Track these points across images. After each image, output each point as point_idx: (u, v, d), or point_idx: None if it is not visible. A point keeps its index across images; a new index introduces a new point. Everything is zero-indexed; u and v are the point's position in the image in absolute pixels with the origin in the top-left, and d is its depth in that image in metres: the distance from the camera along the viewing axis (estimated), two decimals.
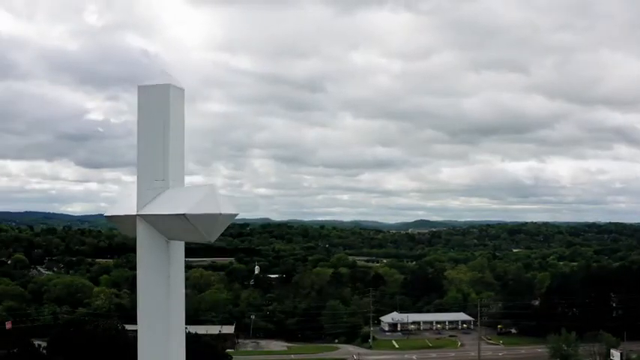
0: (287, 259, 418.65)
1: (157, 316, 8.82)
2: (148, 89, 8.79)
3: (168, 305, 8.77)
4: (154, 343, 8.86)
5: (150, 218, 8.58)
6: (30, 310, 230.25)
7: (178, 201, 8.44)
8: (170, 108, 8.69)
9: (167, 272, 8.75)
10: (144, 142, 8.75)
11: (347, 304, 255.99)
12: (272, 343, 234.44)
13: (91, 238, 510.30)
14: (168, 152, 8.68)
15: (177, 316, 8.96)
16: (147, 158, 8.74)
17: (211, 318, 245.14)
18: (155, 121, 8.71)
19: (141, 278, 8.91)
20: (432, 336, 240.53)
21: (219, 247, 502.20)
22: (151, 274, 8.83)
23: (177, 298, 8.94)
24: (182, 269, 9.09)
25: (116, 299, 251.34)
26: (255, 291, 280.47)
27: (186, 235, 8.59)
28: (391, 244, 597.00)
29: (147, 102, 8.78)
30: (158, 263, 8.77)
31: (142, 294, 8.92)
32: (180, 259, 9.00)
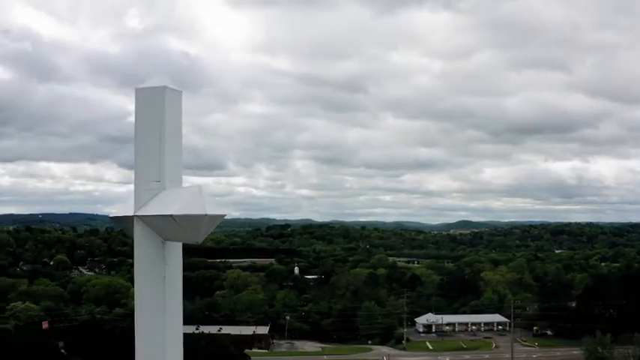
0: (327, 260, 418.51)
1: (154, 316, 9.01)
2: (145, 91, 8.99)
3: (164, 306, 8.96)
4: (150, 343, 9.03)
5: (146, 219, 8.81)
6: (67, 310, 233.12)
7: (169, 202, 8.67)
8: (166, 110, 8.91)
9: (163, 273, 8.98)
10: (140, 144, 8.98)
11: (382, 305, 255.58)
12: (307, 344, 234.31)
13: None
14: (165, 153, 8.88)
15: (173, 316, 9.14)
16: (143, 159, 8.96)
17: (247, 319, 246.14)
18: (151, 122, 8.92)
19: (137, 278, 9.20)
20: (466, 337, 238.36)
21: (260, 248, 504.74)
22: (148, 274, 9.06)
23: (173, 298, 9.13)
24: (179, 270, 9.32)
25: None
26: (291, 292, 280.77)
27: (177, 235, 8.82)
28: (432, 244, 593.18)
29: (143, 104, 8.97)
30: (154, 264, 9.00)
31: (139, 294, 9.17)
32: (177, 260, 9.21)
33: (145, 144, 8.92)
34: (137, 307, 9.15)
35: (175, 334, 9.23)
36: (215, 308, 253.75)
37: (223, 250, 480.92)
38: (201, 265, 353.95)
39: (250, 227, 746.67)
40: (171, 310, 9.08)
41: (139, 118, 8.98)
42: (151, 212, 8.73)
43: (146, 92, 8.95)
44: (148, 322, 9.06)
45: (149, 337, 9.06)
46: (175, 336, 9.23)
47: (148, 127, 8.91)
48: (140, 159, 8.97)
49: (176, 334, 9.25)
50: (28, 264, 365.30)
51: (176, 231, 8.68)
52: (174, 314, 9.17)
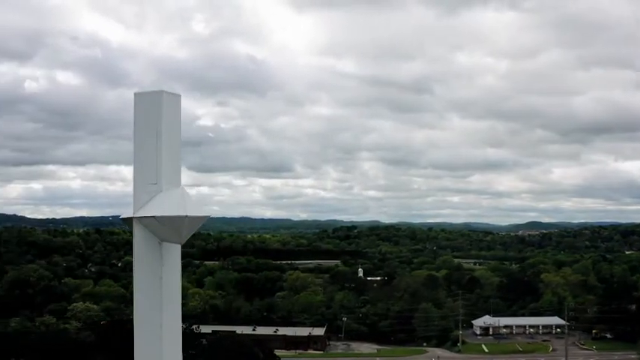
0: (392, 262, 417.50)
1: (150, 316, 9.20)
2: (143, 96, 9.27)
3: (160, 305, 9.13)
4: (147, 343, 9.22)
5: (142, 220, 9.10)
6: (127, 310, 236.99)
7: (157, 204, 8.98)
8: (162, 114, 9.11)
9: (160, 273, 9.15)
10: (138, 147, 9.23)
11: (440, 307, 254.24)
12: (363, 346, 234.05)
13: (200, 240, 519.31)
14: (161, 156, 9.09)
15: (170, 316, 9.31)
16: (141, 162, 9.21)
17: (303, 320, 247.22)
18: (148, 126, 9.15)
19: (135, 279, 9.35)
20: (524, 340, 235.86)
21: (326, 250, 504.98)
22: (145, 274, 9.25)
23: (170, 298, 9.30)
24: (177, 271, 9.51)
25: (212, 301, 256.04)
26: (350, 293, 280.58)
27: (162, 235, 9.08)
28: (500, 246, 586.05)
29: (141, 109, 9.24)
30: (151, 264, 9.19)
31: (137, 294, 9.35)
32: (174, 261, 9.41)
33: (143, 147, 9.19)
34: (135, 306, 9.36)
35: (173, 334, 9.39)
36: (273, 309, 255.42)
37: (289, 251, 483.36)
38: (265, 266, 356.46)
39: (317, 229, 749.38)
40: (168, 310, 9.27)
41: (137, 122, 9.28)
42: (143, 214, 9.07)
43: (144, 97, 9.25)
44: (145, 321, 9.28)
45: (146, 337, 9.24)
46: (173, 336, 9.39)
47: (145, 131, 9.18)
48: (138, 161, 9.25)
49: (174, 334, 9.41)
50: (96, 265, 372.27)
51: (161, 231, 8.99)
52: (172, 314, 9.36)
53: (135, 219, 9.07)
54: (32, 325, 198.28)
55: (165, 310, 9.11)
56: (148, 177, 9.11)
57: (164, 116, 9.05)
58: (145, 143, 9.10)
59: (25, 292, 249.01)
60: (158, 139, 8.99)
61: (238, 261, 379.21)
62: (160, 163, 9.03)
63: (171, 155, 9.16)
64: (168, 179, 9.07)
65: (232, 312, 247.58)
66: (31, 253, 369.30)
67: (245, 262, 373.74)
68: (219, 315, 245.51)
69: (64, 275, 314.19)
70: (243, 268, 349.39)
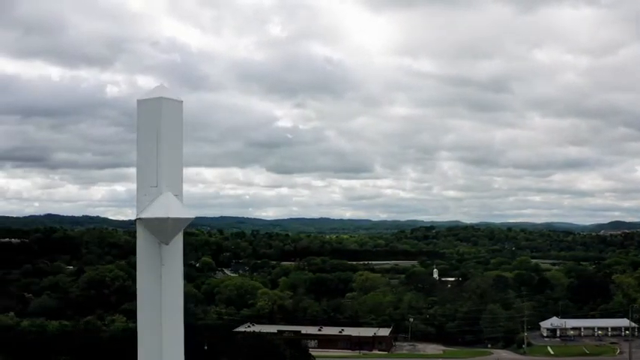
0: (468, 263, 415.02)
1: (151, 315, 9.42)
2: (145, 102, 9.49)
3: (160, 305, 9.32)
4: (148, 342, 9.44)
5: (141, 222, 9.33)
6: (197, 310, 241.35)
7: (148, 206, 9.24)
8: (162, 119, 9.32)
9: (160, 273, 9.36)
10: (140, 151, 9.47)
11: (508, 308, 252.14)
12: (429, 347, 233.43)
13: (278, 241, 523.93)
14: (161, 160, 9.29)
15: (171, 315, 9.49)
16: (143, 166, 9.43)
17: (370, 320, 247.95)
18: (149, 131, 9.36)
19: (138, 278, 9.58)
20: (592, 343, 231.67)
21: (404, 250, 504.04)
22: (146, 274, 9.46)
23: (171, 298, 9.48)
24: (178, 271, 9.70)
25: (280, 301, 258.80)
26: (418, 294, 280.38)
27: (156, 236, 9.31)
28: (580, 246, 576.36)
29: (143, 114, 9.50)
30: (152, 264, 9.41)
31: (139, 294, 9.56)
32: (175, 261, 9.62)
33: (144, 151, 9.40)
34: (138, 306, 9.55)
35: (174, 333, 9.55)
36: (340, 310, 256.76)
37: (366, 252, 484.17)
38: (340, 267, 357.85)
39: (396, 229, 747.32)
40: (168, 310, 9.43)
41: (139, 127, 9.47)
42: (142, 215, 9.31)
43: (146, 103, 9.47)
44: (146, 321, 9.46)
45: (147, 336, 9.44)
46: (174, 335, 9.55)
47: (146, 136, 9.38)
48: (140, 165, 9.45)
49: (175, 333, 9.57)
50: None
51: (150, 232, 9.28)
52: (172, 314, 9.52)
53: (137, 220, 9.38)
54: (101, 324, 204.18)
55: (164, 308, 9.35)
56: (149, 180, 9.34)
57: (163, 121, 9.31)
58: (146, 147, 9.37)
59: (100, 291, 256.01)
60: (158, 143, 9.25)
61: (314, 261, 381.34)
62: (159, 167, 9.28)
63: (171, 159, 9.42)
64: (168, 182, 9.33)
65: (299, 312, 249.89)
66: (111, 253, 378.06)
67: (320, 262, 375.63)
68: (286, 315, 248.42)
69: None
70: (319, 268, 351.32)
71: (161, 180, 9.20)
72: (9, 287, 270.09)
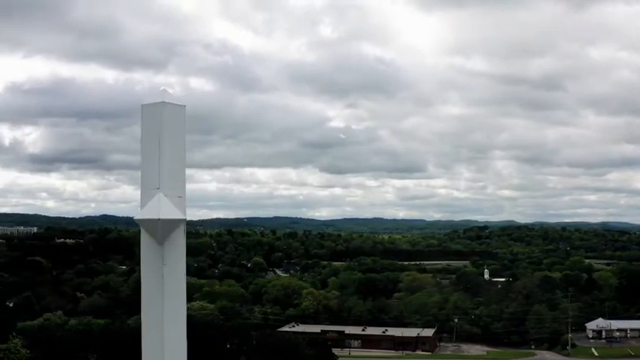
0: (521, 263, 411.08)
1: (154, 314, 9.63)
2: (148, 107, 9.68)
3: (162, 304, 9.52)
4: (151, 341, 9.63)
5: (141, 222, 9.52)
6: (242, 310, 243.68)
7: (143, 207, 9.45)
8: (164, 123, 9.52)
9: (161, 272, 9.52)
10: (144, 154, 9.68)
11: (554, 308, 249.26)
12: (474, 348, 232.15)
13: (330, 241, 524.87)
14: (163, 163, 9.50)
15: (173, 314, 9.65)
16: (146, 168, 9.64)
17: (415, 321, 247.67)
18: (152, 135, 9.56)
19: (142, 278, 9.76)
20: (638, 344, 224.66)
21: (456, 250, 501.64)
22: (148, 273, 9.64)
23: (173, 297, 9.64)
24: (180, 270, 9.77)
25: (324, 301, 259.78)
26: (464, 294, 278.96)
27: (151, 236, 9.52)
28: (636, 246, 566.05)
29: (146, 119, 9.71)
30: (153, 264, 9.60)
31: (143, 293, 9.76)
32: (177, 261, 9.69)
33: (147, 154, 9.60)
34: (142, 305, 9.74)
35: (176, 332, 9.69)
36: (385, 310, 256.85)
37: (419, 252, 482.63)
38: (391, 267, 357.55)
39: (450, 229, 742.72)
40: (170, 309, 9.58)
41: (143, 131, 9.67)
42: (135, 217, 9.53)
43: (149, 108, 9.67)
44: (149, 320, 9.66)
45: (151, 335, 9.62)
46: (176, 334, 9.69)
47: (149, 140, 9.57)
48: (144, 168, 9.65)
49: (177, 332, 9.71)
50: (226, 266, 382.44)
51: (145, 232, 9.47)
52: (175, 312, 9.67)
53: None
54: None
55: (166, 307, 9.51)
56: (152, 182, 9.52)
57: (165, 126, 9.50)
58: (149, 151, 9.56)
59: None
60: (160, 147, 9.44)
61: (364, 262, 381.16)
62: (161, 169, 9.47)
63: (173, 162, 9.59)
64: (170, 184, 9.50)
65: (344, 312, 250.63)
66: None
67: (371, 262, 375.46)
68: (331, 315, 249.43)
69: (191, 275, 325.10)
70: (368, 268, 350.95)
71: (163, 182, 9.46)
72: (62, 287, 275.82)
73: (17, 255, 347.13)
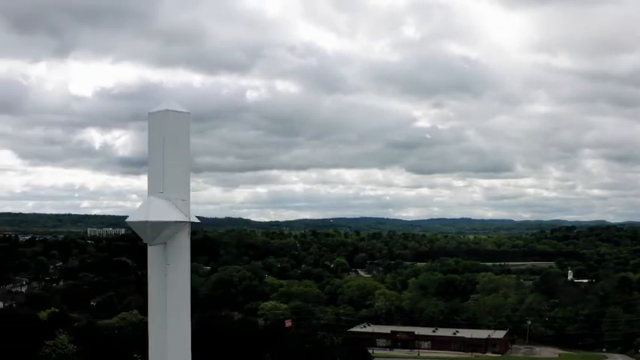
0: (607, 263, 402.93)
1: (159, 313, 10.01)
2: (154, 115, 10.10)
3: (165, 302, 9.88)
4: (156, 339, 10.02)
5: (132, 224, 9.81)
6: (315, 310, 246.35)
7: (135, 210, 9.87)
8: (168, 130, 9.93)
9: (165, 272, 9.90)
10: (150, 160, 10.05)
11: (631, 311, 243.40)
12: (546, 350, 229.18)
13: (414, 242, 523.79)
14: (167, 168, 9.90)
15: (177, 313, 10.01)
16: (152, 173, 10.04)
17: (488, 322, 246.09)
18: (157, 141, 9.95)
19: (148, 276, 10.15)
20: None
21: (542, 251, 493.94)
22: (153, 272, 10.03)
23: (176, 295, 9.99)
24: (184, 270, 10.18)
25: (397, 301, 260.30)
26: (540, 296, 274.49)
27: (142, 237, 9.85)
28: None
29: (152, 126, 10.12)
30: (157, 263, 9.98)
31: (149, 292, 10.14)
32: (181, 260, 10.10)
33: (153, 160, 9.97)
34: (149, 303, 10.11)
35: (181, 330, 10.03)
36: (458, 311, 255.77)
37: (503, 253, 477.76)
38: (474, 267, 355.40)
39: (538, 230, 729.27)
40: (174, 307, 9.93)
41: (149, 138, 10.04)
42: (127, 219, 9.91)
43: (155, 116, 10.08)
44: (154, 318, 10.00)
45: (156, 333, 9.99)
46: (181, 332, 10.04)
47: (154, 146, 9.96)
48: (150, 173, 10.04)
49: (182, 330, 10.05)
50: (309, 266, 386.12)
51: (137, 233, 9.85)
52: (178, 311, 10.01)
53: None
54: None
55: (170, 306, 9.86)
56: (157, 186, 9.88)
57: (169, 132, 9.91)
58: (155, 156, 9.94)
59: (227, 291, 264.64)
60: (165, 152, 9.84)
61: (446, 262, 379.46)
62: (165, 174, 9.85)
63: (176, 166, 10.00)
64: (173, 188, 9.91)
65: (416, 313, 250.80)
66: (248, 254, 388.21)
67: (453, 263, 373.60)
68: (404, 316, 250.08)
69: (274, 276, 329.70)
70: (450, 269, 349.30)
71: (167, 186, 9.87)
72: (145, 286, 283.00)
73: (105, 256, 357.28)
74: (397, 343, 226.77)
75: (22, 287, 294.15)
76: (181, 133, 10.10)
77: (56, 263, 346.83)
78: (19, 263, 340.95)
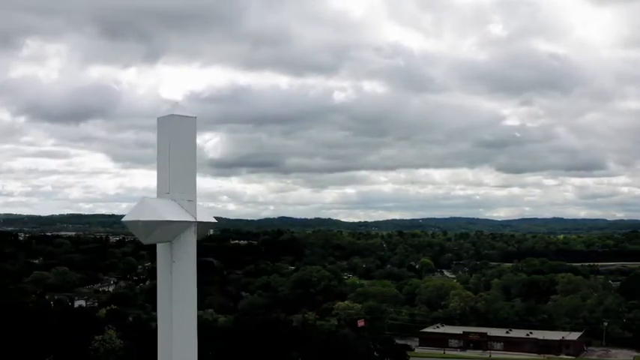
0: None
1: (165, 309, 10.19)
2: (162, 120, 10.36)
3: (171, 299, 10.09)
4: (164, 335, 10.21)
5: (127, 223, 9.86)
6: (390, 310, 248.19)
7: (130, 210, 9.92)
8: (173, 134, 10.20)
9: (170, 269, 10.09)
10: (159, 163, 10.32)
11: None
12: (622, 352, 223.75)
13: (502, 242, 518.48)
14: (172, 170, 10.22)
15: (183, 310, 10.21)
16: (160, 175, 10.30)
17: (564, 324, 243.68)
18: (164, 145, 10.25)
19: (157, 274, 10.29)
20: None
21: (634, 251, 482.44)
22: (161, 270, 10.16)
23: (181, 292, 10.17)
24: (190, 267, 10.28)
25: (472, 302, 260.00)
26: (619, 297, 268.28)
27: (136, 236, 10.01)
28: None
29: (160, 131, 10.38)
30: (165, 261, 10.16)
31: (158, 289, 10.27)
32: (187, 258, 10.23)
33: (161, 163, 10.27)
34: (157, 300, 10.24)
35: (186, 326, 10.23)
36: (534, 312, 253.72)
37: (593, 253, 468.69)
38: (560, 268, 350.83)
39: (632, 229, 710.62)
40: (180, 304, 10.13)
41: (158, 142, 10.34)
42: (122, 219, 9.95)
43: (162, 121, 10.34)
44: (162, 314, 10.16)
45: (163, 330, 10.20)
46: (186, 328, 10.22)
47: (162, 149, 10.26)
48: (158, 175, 10.31)
49: (187, 326, 10.25)
50: (393, 267, 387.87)
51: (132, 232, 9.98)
52: (184, 307, 10.21)
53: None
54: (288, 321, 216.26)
55: (175, 303, 10.09)
56: (164, 187, 10.18)
57: (174, 136, 10.22)
58: (162, 159, 10.24)
59: (307, 291, 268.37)
60: (171, 155, 10.17)
61: (532, 262, 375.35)
62: (171, 176, 10.18)
63: (182, 168, 10.32)
64: (179, 189, 10.20)
65: (491, 314, 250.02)
66: (334, 254, 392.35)
67: (538, 264, 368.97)
68: (479, 316, 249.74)
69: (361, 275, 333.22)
70: (535, 270, 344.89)
71: (173, 187, 10.17)
72: (228, 286, 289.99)
73: None
74: (469, 344, 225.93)
75: (109, 287, 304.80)
76: (187, 136, 10.46)
77: (145, 263, 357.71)
78: (108, 263, 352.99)
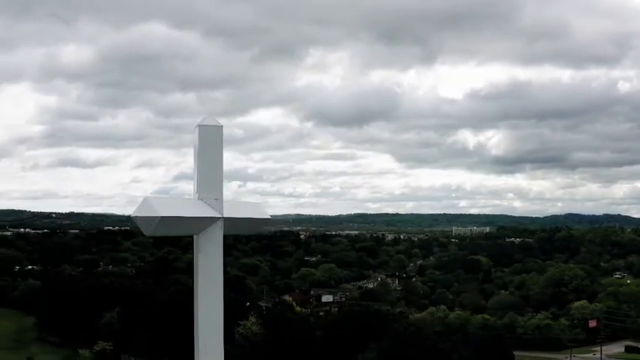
0: None
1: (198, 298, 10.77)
2: (199, 129, 11.17)
3: (197, 289, 10.69)
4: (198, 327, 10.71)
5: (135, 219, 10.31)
6: (630, 311, 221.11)
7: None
8: (199, 142, 11.08)
9: (197, 260, 10.76)
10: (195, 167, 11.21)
11: None
12: None
13: None
14: (199, 173, 11.06)
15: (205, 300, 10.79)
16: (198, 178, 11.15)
17: None
18: (195, 151, 11.17)
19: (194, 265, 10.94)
20: None
21: None
22: (195, 261, 10.82)
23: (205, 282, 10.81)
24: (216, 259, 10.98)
25: None
26: None
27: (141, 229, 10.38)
28: None
29: (197, 139, 11.20)
30: (195, 253, 10.80)
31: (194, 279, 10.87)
32: (212, 250, 10.89)
33: (195, 167, 11.14)
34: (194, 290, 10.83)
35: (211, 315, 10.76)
36: None
37: None
38: None
39: None
40: (203, 295, 10.74)
41: (194, 148, 11.25)
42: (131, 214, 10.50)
43: (199, 129, 11.14)
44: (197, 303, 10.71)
45: (201, 316, 10.78)
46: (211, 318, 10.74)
47: (196, 155, 11.15)
48: (195, 178, 11.17)
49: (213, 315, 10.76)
50: None
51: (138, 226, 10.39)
52: (207, 298, 10.78)
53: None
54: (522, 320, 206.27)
55: (200, 294, 10.70)
56: (195, 188, 11.03)
57: (200, 143, 11.04)
58: (194, 165, 11.12)
59: (559, 289, 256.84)
60: (198, 160, 11.03)
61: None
62: (198, 178, 11.01)
63: (209, 171, 11.06)
64: (206, 189, 10.94)
65: None
66: (611, 252, 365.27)
67: None
68: None
69: (636, 275, 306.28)
70: None
71: (200, 188, 10.94)
72: (486, 284, 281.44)
73: (463, 254, 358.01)
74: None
75: (373, 283, 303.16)
76: (213, 143, 11.21)
77: (417, 261, 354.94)
78: (380, 261, 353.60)
